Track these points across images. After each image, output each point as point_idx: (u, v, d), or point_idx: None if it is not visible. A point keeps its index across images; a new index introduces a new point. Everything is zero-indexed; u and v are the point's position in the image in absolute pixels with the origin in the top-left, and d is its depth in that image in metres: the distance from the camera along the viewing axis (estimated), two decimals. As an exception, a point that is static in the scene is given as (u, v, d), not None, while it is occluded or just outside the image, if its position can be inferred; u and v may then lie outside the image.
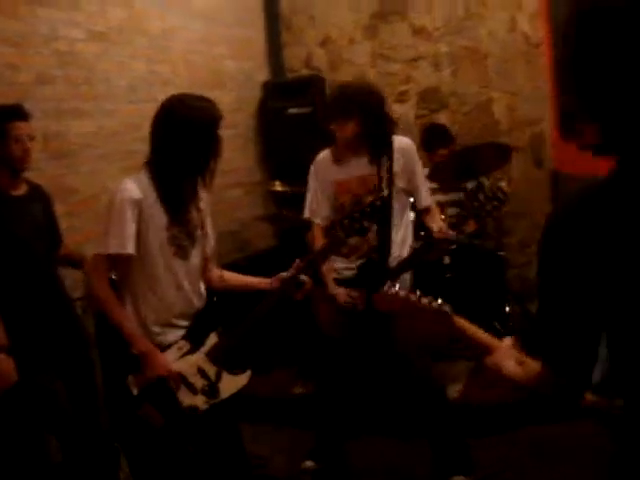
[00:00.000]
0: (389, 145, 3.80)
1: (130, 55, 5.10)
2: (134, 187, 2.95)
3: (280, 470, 4.22)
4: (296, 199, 5.91)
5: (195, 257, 3.13)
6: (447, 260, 5.15)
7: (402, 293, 1.97)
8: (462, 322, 1.99)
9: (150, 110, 5.15)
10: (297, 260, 3.27)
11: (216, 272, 3.36)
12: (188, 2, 5.78)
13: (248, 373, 3.17)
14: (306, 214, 3.99)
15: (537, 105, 6.22)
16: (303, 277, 3.23)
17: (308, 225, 4.01)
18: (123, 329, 2.95)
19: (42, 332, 3.44)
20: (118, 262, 2.98)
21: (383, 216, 3.73)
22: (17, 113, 3.56)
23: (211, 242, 3.26)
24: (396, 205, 3.79)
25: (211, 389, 3.05)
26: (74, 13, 4.58)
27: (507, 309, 5.22)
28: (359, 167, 3.81)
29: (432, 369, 3.94)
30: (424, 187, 3.96)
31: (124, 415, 3.24)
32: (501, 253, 5.55)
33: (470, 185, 5.30)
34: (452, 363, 5.03)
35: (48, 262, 3.68)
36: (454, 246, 4.17)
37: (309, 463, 4.12)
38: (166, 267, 3.01)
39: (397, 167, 3.80)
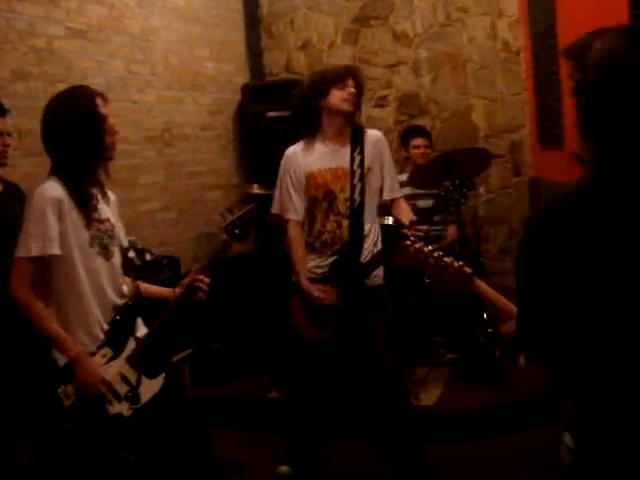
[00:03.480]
0: (362, 140, 3.82)
1: (109, 54, 5.05)
2: (53, 188, 2.88)
3: (255, 475, 4.17)
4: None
5: (116, 256, 3.08)
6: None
7: (427, 248, 2.06)
8: (483, 286, 2.13)
9: (127, 110, 5.20)
10: (196, 265, 3.31)
11: (125, 279, 3.24)
12: (169, 2, 5.74)
13: (162, 376, 3.10)
14: (275, 210, 3.96)
15: (516, 112, 6.24)
16: (200, 280, 3.16)
17: (281, 222, 3.97)
18: (52, 335, 2.86)
19: (8, 327, 3.34)
20: (40, 266, 2.87)
21: (355, 211, 3.76)
22: None
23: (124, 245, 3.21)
24: (368, 200, 3.80)
25: (133, 395, 3.00)
26: (53, 9, 4.53)
27: (485, 316, 5.19)
28: (332, 158, 3.81)
29: (405, 374, 3.91)
30: (394, 179, 3.97)
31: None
32: (480, 260, 5.55)
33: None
34: (430, 368, 5.02)
35: None
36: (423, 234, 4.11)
37: (284, 468, 4.09)
38: (88, 270, 2.93)
39: (368, 162, 3.81)
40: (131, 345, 3.05)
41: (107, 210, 3.07)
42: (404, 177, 5.22)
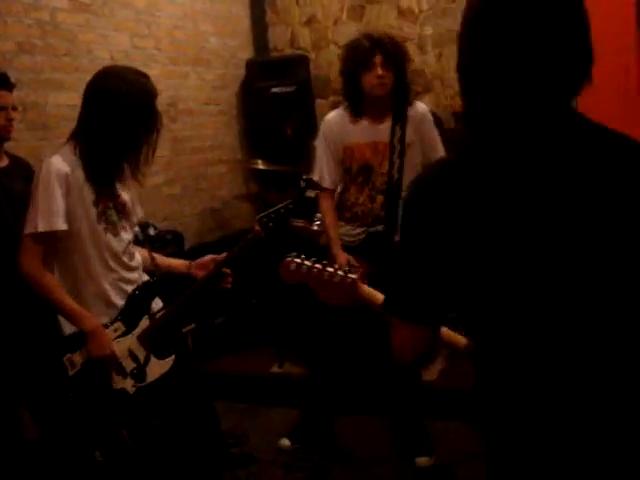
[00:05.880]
0: (404, 114, 3.69)
1: (114, 28, 5.02)
2: (60, 161, 2.86)
3: (256, 448, 4.20)
4: (277, 178, 5.89)
5: (127, 233, 3.08)
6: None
7: (306, 263, 1.88)
8: (366, 289, 1.92)
9: (132, 84, 5.17)
10: (224, 254, 3.25)
11: (142, 251, 3.28)
12: (174, -25, 5.71)
13: (172, 358, 3.12)
14: (315, 177, 3.89)
15: (521, 90, 6.21)
16: (226, 270, 3.19)
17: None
18: (66, 308, 2.88)
19: (12, 306, 3.35)
20: (49, 241, 2.87)
21: (392, 188, 3.67)
22: (1, 82, 3.46)
23: (137, 221, 3.23)
24: (407, 177, 3.66)
25: (139, 372, 3.02)
26: (57, -18, 4.50)
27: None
28: (373, 132, 3.71)
29: None
30: (441, 153, 3.80)
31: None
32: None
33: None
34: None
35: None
36: None
37: (286, 442, 4.13)
38: (96, 245, 2.94)
39: (410, 136, 3.70)
40: (144, 323, 3.06)
41: (120, 187, 3.07)
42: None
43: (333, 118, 3.79)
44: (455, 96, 6.35)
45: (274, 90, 6.25)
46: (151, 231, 4.86)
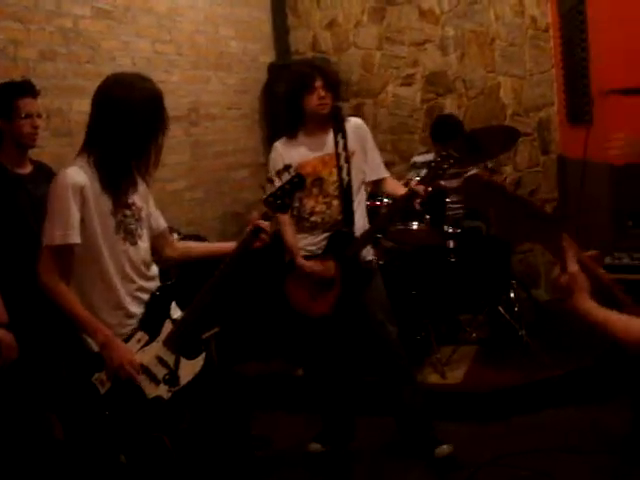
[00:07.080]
0: (343, 127, 3.97)
1: (135, 34, 5.06)
2: (77, 173, 2.84)
3: (281, 452, 4.20)
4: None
5: (144, 241, 3.05)
6: (452, 244, 5.13)
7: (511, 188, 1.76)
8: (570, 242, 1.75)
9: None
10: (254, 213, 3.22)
11: (176, 244, 3.32)
12: (195, -19, 5.73)
13: (202, 356, 3.09)
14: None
15: (544, 90, 6.18)
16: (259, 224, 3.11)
17: None
18: (80, 321, 2.86)
19: (40, 311, 3.38)
20: (65, 253, 2.86)
21: (345, 190, 3.91)
22: (27, 89, 3.50)
23: (160, 220, 3.20)
24: (355, 180, 3.94)
25: (172, 377, 2.99)
26: (78, -11, 4.53)
27: (512, 295, 5.19)
28: (319, 147, 3.96)
29: (400, 344, 3.99)
30: (378, 161, 4.13)
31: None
32: (506, 238, 5.52)
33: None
34: (456, 347, 5.02)
35: None
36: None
37: (315, 446, 4.14)
38: (114, 255, 2.92)
39: (351, 145, 3.96)
40: (167, 328, 3.03)
41: (133, 193, 3.07)
42: (430, 157, 5.20)
43: (280, 144, 4.05)
44: (477, 97, 6.33)
45: (296, 94, 6.25)
46: (175, 236, 4.86)
